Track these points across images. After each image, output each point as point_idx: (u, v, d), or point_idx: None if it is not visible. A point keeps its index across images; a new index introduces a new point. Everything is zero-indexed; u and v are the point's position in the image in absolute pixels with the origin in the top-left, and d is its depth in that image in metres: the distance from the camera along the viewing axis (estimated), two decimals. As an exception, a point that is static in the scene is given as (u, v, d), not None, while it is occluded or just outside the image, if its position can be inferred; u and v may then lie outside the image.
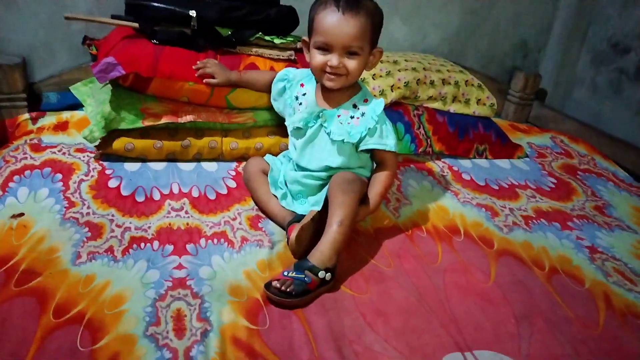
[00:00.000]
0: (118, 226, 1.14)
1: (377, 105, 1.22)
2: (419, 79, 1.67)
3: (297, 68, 1.46)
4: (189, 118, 1.37)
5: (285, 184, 1.30)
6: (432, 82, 1.69)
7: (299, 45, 1.52)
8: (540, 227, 1.39)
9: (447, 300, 1.08)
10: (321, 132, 1.24)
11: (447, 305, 1.06)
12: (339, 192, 1.12)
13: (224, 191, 1.33)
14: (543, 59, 2.34)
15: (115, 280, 1.00)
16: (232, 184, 1.36)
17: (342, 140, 1.21)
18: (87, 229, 1.12)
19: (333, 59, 1.14)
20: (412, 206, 1.39)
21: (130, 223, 1.16)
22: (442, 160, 1.66)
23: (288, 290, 0.99)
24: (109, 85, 1.40)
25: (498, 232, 1.34)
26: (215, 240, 1.15)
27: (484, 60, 2.24)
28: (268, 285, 1.00)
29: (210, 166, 1.42)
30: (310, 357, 0.89)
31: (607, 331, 1.06)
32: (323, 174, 1.25)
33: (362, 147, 1.22)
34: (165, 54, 1.35)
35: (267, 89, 1.39)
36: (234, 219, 1.23)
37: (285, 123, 1.33)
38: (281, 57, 1.47)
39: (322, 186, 1.25)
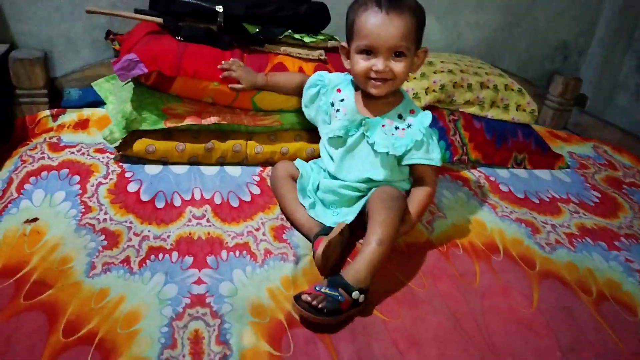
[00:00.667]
0: (136, 234, 1.08)
1: (425, 117, 1.15)
2: (455, 82, 1.58)
3: (328, 68, 1.39)
4: (213, 120, 1.30)
5: (315, 193, 1.22)
6: (469, 86, 1.59)
7: (329, 44, 1.44)
8: (585, 246, 1.28)
9: (485, 327, 0.99)
10: (363, 142, 1.16)
11: (485, 334, 0.97)
12: (382, 209, 1.04)
13: (248, 198, 1.26)
14: (584, 63, 2.22)
15: (131, 295, 0.93)
16: (257, 190, 1.29)
17: (387, 153, 1.12)
18: (103, 236, 1.06)
19: (378, 63, 1.07)
20: (447, 220, 1.30)
21: (149, 231, 1.10)
22: (478, 169, 1.57)
23: (320, 306, 0.90)
24: (131, 83, 1.34)
25: (540, 251, 1.24)
26: (237, 253, 1.08)
27: (521, 62, 2.13)
28: (297, 298, 0.92)
29: (233, 170, 1.35)
30: (338, 391, 0.81)
31: (663, 369, 0.96)
32: (362, 186, 1.17)
33: (407, 161, 1.14)
34: (190, 52, 1.28)
35: (296, 93, 1.31)
36: (257, 230, 1.15)
37: (321, 132, 1.25)
38: (311, 57, 1.39)
39: (358, 198, 1.17)
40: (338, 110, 1.19)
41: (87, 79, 1.60)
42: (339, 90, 1.22)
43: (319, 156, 1.31)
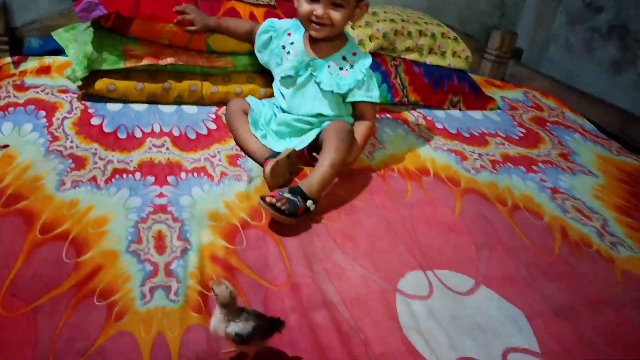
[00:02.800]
0: (101, 159, 1.19)
1: (366, 59, 1.29)
2: (396, 30, 1.71)
3: (277, 13, 1.50)
4: (169, 60, 1.40)
5: (268, 125, 1.34)
6: (409, 33, 1.73)
7: (278, -9, 1.54)
8: (507, 170, 1.46)
9: (413, 229, 1.15)
10: (311, 81, 1.29)
11: (412, 233, 1.13)
12: (336, 139, 1.19)
13: (204, 132, 1.37)
14: (520, 18, 2.39)
15: (99, 205, 1.05)
16: (212, 125, 1.41)
17: (332, 91, 1.26)
18: (70, 160, 1.17)
19: (318, 9, 1.20)
20: (386, 150, 1.45)
21: (113, 156, 1.21)
22: (417, 110, 1.72)
23: (282, 208, 1.04)
24: (91, 28, 1.42)
25: (465, 173, 1.41)
26: (195, 174, 1.20)
27: (462, 18, 2.28)
28: (263, 198, 1.05)
29: (190, 109, 1.46)
30: (283, 271, 0.96)
31: (560, 257, 1.14)
32: (313, 120, 1.31)
33: (350, 98, 1.29)
34: (147, -4, 1.37)
35: (245, 39, 1.43)
36: (213, 157, 1.28)
37: (274, 73, 1.37)
38: (260, 3, 1.50)
39: (309, 130, 1.31)
40: (289, 53, 1.32)
41: (46, 29, 1.65)
42: (289, 34, 1.34)
43: (271, 96, 1.44)
